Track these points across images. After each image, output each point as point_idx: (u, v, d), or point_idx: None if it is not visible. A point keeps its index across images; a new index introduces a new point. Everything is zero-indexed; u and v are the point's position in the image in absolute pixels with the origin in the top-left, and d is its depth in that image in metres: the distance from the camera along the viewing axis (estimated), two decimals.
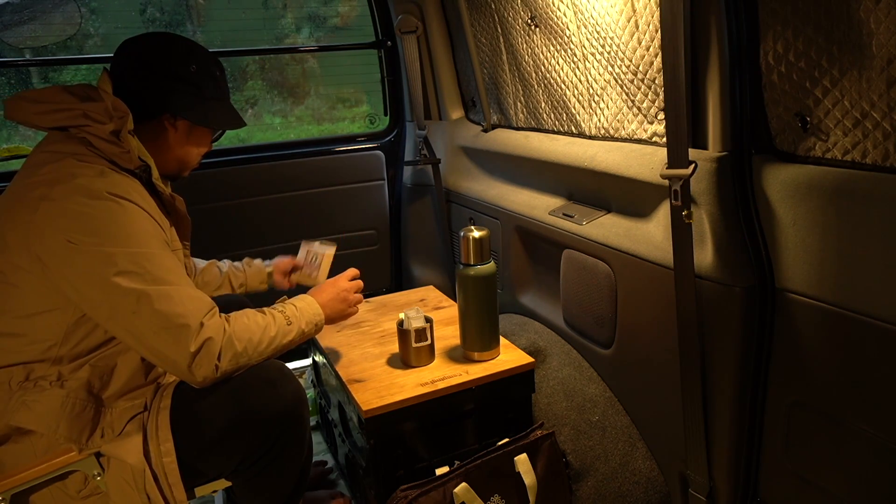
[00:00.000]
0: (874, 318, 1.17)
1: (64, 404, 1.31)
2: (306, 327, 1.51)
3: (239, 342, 1.35)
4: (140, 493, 1.33)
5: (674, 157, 1.39)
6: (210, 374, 1.32)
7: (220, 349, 1.32)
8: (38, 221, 1.24)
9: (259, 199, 2.69)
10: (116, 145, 1.33)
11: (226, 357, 1.33)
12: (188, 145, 1.51)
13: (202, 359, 1.30)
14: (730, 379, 1.45)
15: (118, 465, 1.33)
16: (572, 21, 1.86)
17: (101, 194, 1.27)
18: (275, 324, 1.44)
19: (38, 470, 1.28)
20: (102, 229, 1.25)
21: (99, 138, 1.31)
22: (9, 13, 2.23)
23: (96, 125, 1.31)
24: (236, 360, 1.36)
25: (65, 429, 1.30)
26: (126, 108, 1.34)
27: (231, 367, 1.35)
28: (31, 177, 1.30)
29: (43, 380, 1.31)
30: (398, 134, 2.94)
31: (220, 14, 6.75)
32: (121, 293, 1.25)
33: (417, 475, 1.67)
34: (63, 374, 1.33)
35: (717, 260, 1.42)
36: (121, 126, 1.32)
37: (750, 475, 1.54)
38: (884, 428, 1.21)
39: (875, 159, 1.19)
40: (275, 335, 1.43)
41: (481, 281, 1.76)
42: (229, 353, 1.34)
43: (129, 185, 1.33)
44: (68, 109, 1.31)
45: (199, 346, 1.29)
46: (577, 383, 1.90)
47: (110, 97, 1.34)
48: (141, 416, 1.38)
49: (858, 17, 1.13)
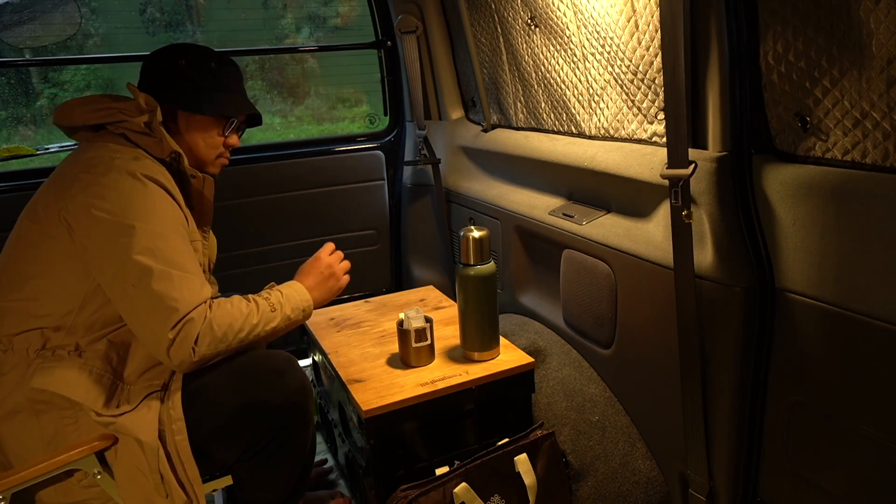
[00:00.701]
0: (874, 318, 1.17)
1: (82, 369, 1.36)
2: (292, 314, 1.53)
3: (219, 328, 1.37)
4: (153, 473, 1.34)
5: (674, 157, 1.39)
6: (187, 358, 1.34)
7: (198, 334, 1.34)
8: (72, 192, 1.36)
9: (259, 199, 2.69)
10: (149, 136, 1.46)
11: (203, 342, 1.35)
12: (191, 135, 1.57)
13: (180, 342, 1.33)
14: (730, 379, 1.45)
15: (128, 449, 1.34)
16: (572, 21, 1.86)
17: (134, 174, 1.38)
18: (258, 311, 1.46)
19: (38, 469, 1.28)
20: (127, 204, 1.35)
21: (134, 131, 1.46)
22: (9, 13, 2.23)
23: (131, 119, 1.44)
24: (215, 346, 1.38)
25: (82, 392, 1.34)
26: (155, 103, 1.46)
27: (210, 351, 1.37)
28: (74, 163, 1.44)
29: (61, 349, 1.37)
30: (398, 134, 2.94)
31: (220, 14, 6.75)
32: (129, 264, 1.32)
33: (417, 475, 1.67)
34: (80, 345, 1.38)
35: (717, 260, 1.42)
36: (152, 118, 1.45)
37: (750, 475, 1.54)
38: (884, 428, 1.21)
39: (875, 159, 1.19)
40: (257, 322, 1.45)
41: (481, 281, 1.76)
42: (207, 337, 1.36)
43: (160, 171, 1.45)
44: (108, 108, 1.47)
45: (178, 330, 1.33)
46: (577, 383, 1.90)
47: (141, 95, 1.47)
48: (157, 395, 1.41)
49: (858, 17, 1.13)
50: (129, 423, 1.34)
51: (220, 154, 1.63)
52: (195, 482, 1.36)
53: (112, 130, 1.47)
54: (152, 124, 1.46)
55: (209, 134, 1.59)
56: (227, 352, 1.42)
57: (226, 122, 1.60)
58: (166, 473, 1.34)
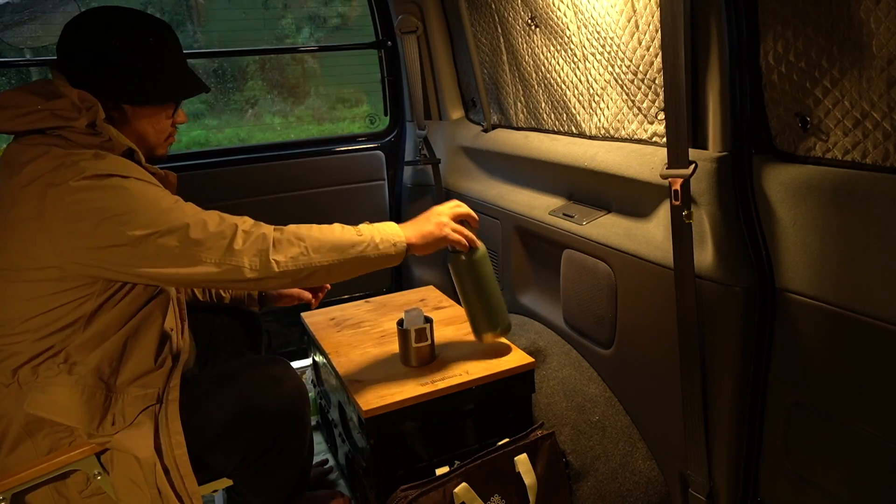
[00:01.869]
0: (874, 318, 1.17)
1: (74, 388, 1.29)
2: (381, 243, 1.44)
3: (295, 233, 1.34)
4: (150, 488, 1.32)
5: (674, 157, 1.39)
6: (270, 265, 1.30)
7: (272, 239, 1.32)
8: (48, 207, 1.21)
9: (259, 199, 2.69)
10: (96, 136, 1.30)
11: (282, 246, 1.32)
12: (141, 126, 1.42)
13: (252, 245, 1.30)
14: (730, 379, 1.45)
15: (123, 462, 1.32)
16: (572, 21, 1.86)
17: (107, 173, 1.25)
18: (341, 228, 1.41)
19: (38, 469, 1.28)
20: (116, 205, 1.24)
21: (77, 133, 1.29)
22: (9, 13, 2.23)
23: (70, 123, 1.28)
24: (297, 249, 1.33)
25: (75, 415, 1.29)
26: (93, 99, 1.30)
27: (290, 255, 1.33)
28: (19, 175, 1.25)
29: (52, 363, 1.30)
30: (398, 134, 2.94)
31: (220, 14, 6.75)
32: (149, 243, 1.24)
33: (417, 475, 1.67)
34: (70, 356, 1.31)
35: (717, 260, 1.42)
36: (93, 117, 1.29)
37: (750, 475, 1.54)
38: (884, 428, 1.21)
39: (875, 159, 1.19)
40: (340, 235, 1.39)
41: (475, 263, 1.75)
42: (285, 240, 1.33)
43: (126, 164, 1.31)
44: (37, 111, 1.27)
45: (245, 239, 1.30)
46: (577, 383, 1.90)
47: (73, 91, 1.29)
48: (153, 408, 1.37)
49: (858, 17, 1.13)
50: (124, 440, 1.31)
51: (170, 134, 1.49)
52: (194, 496, 1.34)
53: (51, 134, 1.29)
54: (96, 124, 1.30)
55: (157, 120, 1.43)
56: (310, 266, 1.35)
57: (175, 104, 1.47)
58: (164, 488, 1.32)
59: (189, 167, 2.58)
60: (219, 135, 6.71)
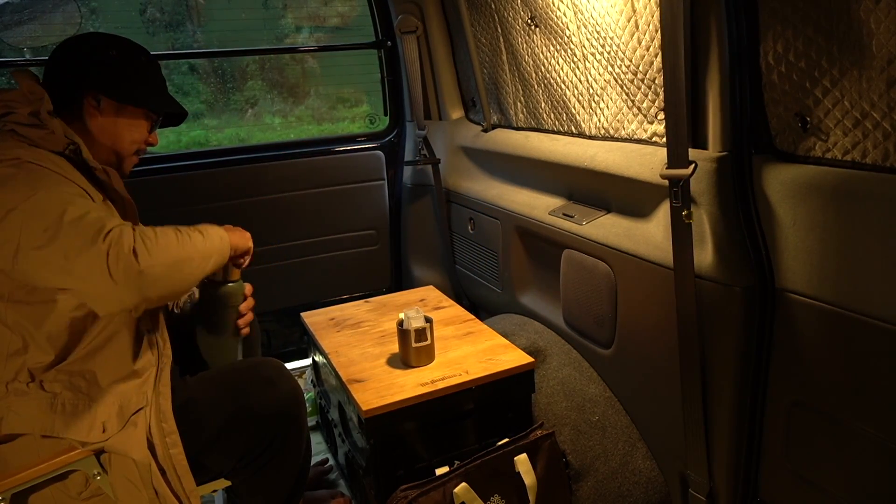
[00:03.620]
0: (874, 318, 1.17)
1: (53, 405, 1.28)
2: (211, 237, 1.38)
3: (155, 235, 1.25)
4: (147, 488, 1.32)
5: (674, 157, 1.39)
6: (132, 272, 1.18)
7: (133, 239, 1.21)
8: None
9: (259, 199, 2.69)
10: (39, 127, 1.31)
11: (143, 248, 1.21)
12: (117, 129, 1.43)
13: (115, 252, 1.18)
14: (730, 379, 1.45)
15: (121, 462, 1.32)
16: (572, 21, 1.86)
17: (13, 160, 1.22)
18: (186, 229, 1.34)
19: (38, 469, 1.28)
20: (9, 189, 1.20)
21: (21, 124, 1.30)
22: (9, 13, 2.23)
23: (16, 112, 1.30)
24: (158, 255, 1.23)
25: (61, 426, 1.28)
26: (42, 90, 1.33)
27: (155, 261, 1.22)
28: None
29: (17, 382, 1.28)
30: (398, 134, 2.94)
31: (220, 14, 6.75)
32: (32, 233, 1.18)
33: (417, 475, 1.67)
34: (36, 376, 1.29)
35: (717, 260, 1.42)
36: (38, 107, 1.31)
37: (750, 475, 1.53)
38: (884, 428, 1.21)
39: (875, 159, 1.19)
40: (191, 235, 1.33)
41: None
42: (146, 242, 1.22)
43: (52, 159, 1.28)
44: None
45: (109, 240, 1.19)
46: (577, 383, 1.90)
47: (26, 83, 1.33)
48: (144, 411, 1.36)
49: (858, 17, 1.13)
50: (118, 443, 1.30)
51: (139, 150, 1.50)
52: (192, 495, 1.34)
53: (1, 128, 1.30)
54: (39, 114, 1.30)
55: (137, 128, 1.46)
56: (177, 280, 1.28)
57: (155, 118, 1.50)
58: (161, 488, 1.32)
59: (189, 167, 2.58)
60: (219, 135, 6.71)
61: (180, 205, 2.52)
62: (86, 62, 1.41)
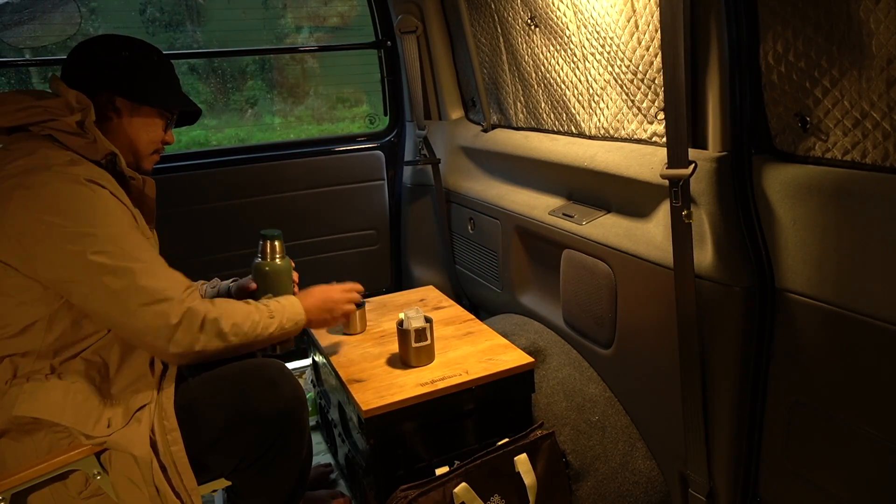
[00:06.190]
0: (874, 318, 1.17)
1: (67, 391, 1.31)
2: (287, 324, 1.50)
3: (224, 320, 1.35)
4: (148, 486, 1.32)
5: (674, 157, 1.39)
6: (188, 349, 1.31)
7: (202, 321, 1.32)
8: (12, 209, 1.24)
9: (259, 199, 2.69)
10: (82, 136, 1.34)
11: (209, 332, 1.33)
12: (134, 129, 1.46)
13: (184, 331, 1.30)
14: (730, 379, 1.45)
15: (121, 461, 1.33)
16: (572, 21, 1.86)
17: (78, 179, 1.28)
18: (258, 312, 1.44)
19: (38, 469, 1.28)
20: (78, 212, 1.26)
21: (64, 132, 1.33)
22: (9, 13, 2.23)
23: (61, 119, 1.32)
24: (219, 340, 1.35)
25: (71, 416, 1.30)
26: (88, 101, 1.34)
27: (212, 346, 1.34)
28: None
29: (37, 373, 1.31)
30: (398, 134, 2.94)
31: (220, 14, 6.75)
32: (100, 270, 1.25)
33: (417, 475, 1.67)
34: (55, 367, 1.33)
35: (717, 260, 1.42)
36: (85, 116, 1.33)
37: (750, 475, 1.54)
38: (884, 428, 1.21)
39: (875, 159, 1.19)
40: (257, 321, 1.43)
41: None
42: (212, 329, 1.34)
43: (100, 173, 1.34)
44: (31, 107, 1.32)
45: (181, 317, 1.30)
46: (577, 383, 1.90)
47: (70, 91, 1.34)
48: (147, 408, 1.37)
49: (858, 17, 1.13)
50: (121, 439, 1.31)
51: (157, 150, 1.53)
52: (193, 492, 1.35)
53: (36, 132, 1.34)
54: (85, 124, 1.33)
55: (152, 127, 1.49)
56: (226, 350, 1.39)
57: (170, 116, 1.53)
58: (162, 486, 1.32)
59: (189, 167, 2.58)
60: (218, 135, 6.71)
61: (180, 205, 2.52)
62: (99, 64, 1.42)
